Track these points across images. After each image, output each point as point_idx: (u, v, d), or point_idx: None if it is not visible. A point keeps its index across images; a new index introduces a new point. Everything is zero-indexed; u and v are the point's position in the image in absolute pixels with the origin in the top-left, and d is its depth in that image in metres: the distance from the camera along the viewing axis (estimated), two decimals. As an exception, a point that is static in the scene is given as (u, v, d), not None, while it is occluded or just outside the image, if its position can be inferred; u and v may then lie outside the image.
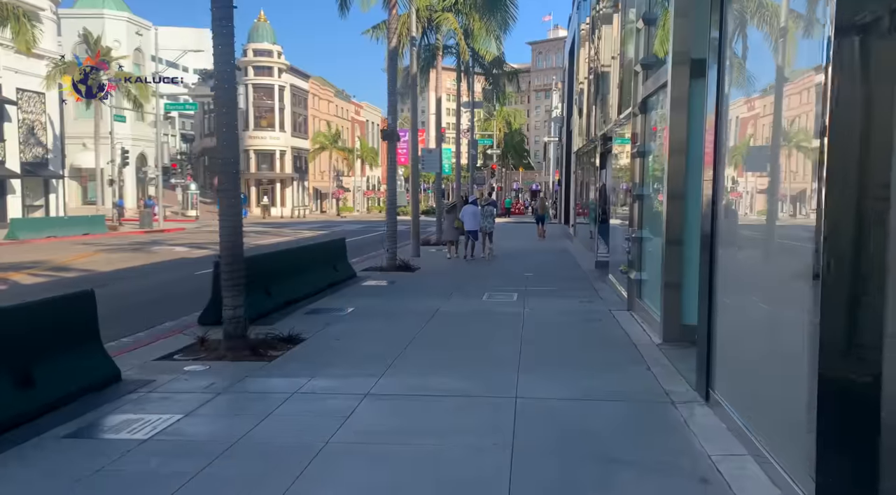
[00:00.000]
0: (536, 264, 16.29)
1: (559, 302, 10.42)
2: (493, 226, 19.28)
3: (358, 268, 15.05)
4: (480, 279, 13.38)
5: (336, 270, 12.71)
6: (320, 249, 12.50)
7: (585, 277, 13.55)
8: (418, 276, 13.99)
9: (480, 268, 15.46)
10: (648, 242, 8.75)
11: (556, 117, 41.71)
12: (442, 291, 11.61)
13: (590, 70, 18.32)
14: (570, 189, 29.69)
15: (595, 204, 18.48)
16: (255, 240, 26.36)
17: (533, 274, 14.07)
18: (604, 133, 14.44)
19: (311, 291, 10.91)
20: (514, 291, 11.48)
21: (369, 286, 12.43)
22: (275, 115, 64.12)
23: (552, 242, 24.54)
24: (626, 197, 12.46)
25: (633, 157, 9.34)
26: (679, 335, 7.18)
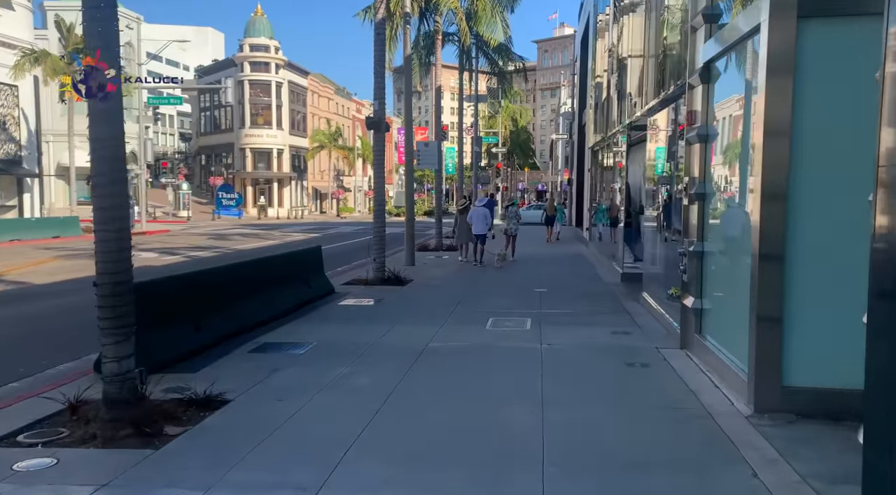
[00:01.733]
0: (550, 275, 13.91)
1: (586, 332, 8.04)
2: (517, 228, 17.14)
3: (340, 281, 12.72)
4: (483, 296, 11.02)
5: (308, 286, 10.37)
6: (287, 261, 10.15)
7: (612, 294, 11.17)
8: (410, 292, 11.64)
9: (484, 281, 13.10)
10: (716, 258, 6.38)
11: (565, 113, 39.34)
12: (435, 314, 9.26)
13: (611, 53, 15.96)
14: (582, 189, 27.29)
15: (601, 205, 16.20)
16: (235, 243, 24.12)
17: (547, 289, 11.69)
18: (631, 121, 12.07)
19: (269, 316, 8.56)
20: (526, 315, 9.12)
21: (347, 307, 10.08)
22: (272, 113, 61.85)
23: (564, 247, 22.16)
24: (657, 196, 10.11)
25: (687, 144, 6.97)
26: (781, 403, 4.82)
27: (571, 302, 10.38)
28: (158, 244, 23.79)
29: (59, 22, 34.51)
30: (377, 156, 12.70)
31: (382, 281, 12.55)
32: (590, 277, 13.71)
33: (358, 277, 12.97)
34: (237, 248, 22.13)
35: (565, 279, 13.45)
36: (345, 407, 5.23)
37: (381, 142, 12.70)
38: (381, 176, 12.68)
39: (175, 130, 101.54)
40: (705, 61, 6.47)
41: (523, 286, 12.16)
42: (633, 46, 11.98)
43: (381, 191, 12.73)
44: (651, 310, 9.21)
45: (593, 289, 11.79)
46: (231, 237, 27.85)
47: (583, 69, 28.43)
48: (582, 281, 13.12)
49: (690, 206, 6.85)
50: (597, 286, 12.22)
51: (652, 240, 10.35)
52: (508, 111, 61.07)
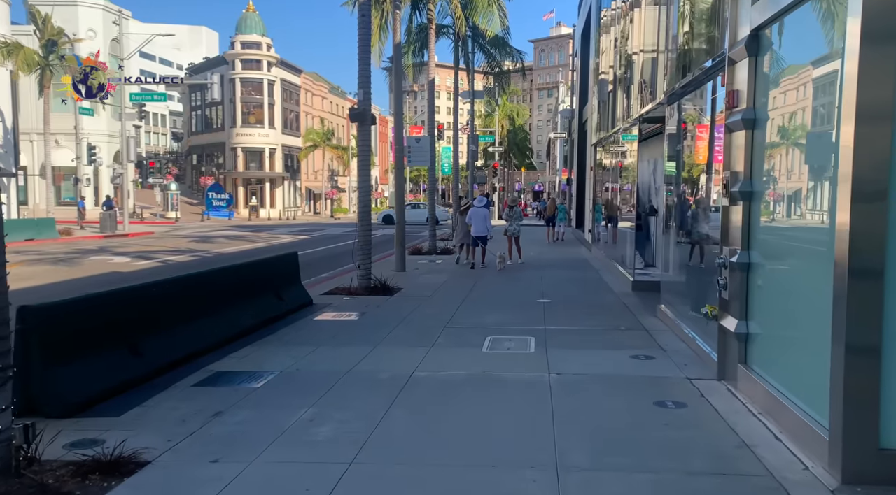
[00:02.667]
0: (554, 283, 12.68)
1: (600, 356, 6.80)
2: (519, 230, 16.19)
3: (321, 290, 11.49)
4: (480, 308, 9.77)
5: (280, 299, 9.11)
6: (254, 271, 8.87)
7: (624, 307, 9.93)
8: (398, 303, 10.39)
9: (480, 289, 11.86)
10: (769, 271, 5.15)
11: (564, 110, 38.12)
12: (425, 331, 8.02)
13: (619, 43, 14.75)
14: (583, 188, 26.08)
15: (599, 204, 14.96)
16: (219, 246, 22.80)
17: (551, 299, 10.46)
18: (645, 113, 10.84)
19: (229, 336, 7.31)
20: (529, 332, 7.89)
21: (323, 323, 8.82)
22: (264, 111, 60.52)
23: (566, 249, 20.93)
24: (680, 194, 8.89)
25: (727, 132, 5.74)
26: (879, 471, 3.59)
27: (580, 316, 9.13)
28: (136, 247, 22.49)
29: (33, 13, 33.16)
30: (362, 151, 11.45)
31: (368, 290, 11.31)
32: (597, 285, 12.47)
33: (342, 286, 11.73)
34: (219, 252, 20.86)
35: (570, 287, 12.21)
36: (296, 474, 3.98)
37: (367, 135, 11.44)
38: (366, 174, 11.42)
39: (167, 130, 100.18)
40: (754, 28, 5.24)
41: (524, 296, 10.92)
42: (648, 28, 10.75)
43: (366, 190, 11.49)
44: (673, 328, 7.97)
45: (603, 300, 10.55)
46: (215, 239, 26.55)
47: (583, 64, 27.22)
48: (589, 290, 11.89)
49: (732, 207, 5.62)
50: (606, 296, 10.98)
51: (670, 244, 9.12)
52: (505, 110, 59.82)
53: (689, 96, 8.02)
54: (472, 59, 26.98)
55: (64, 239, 26.35)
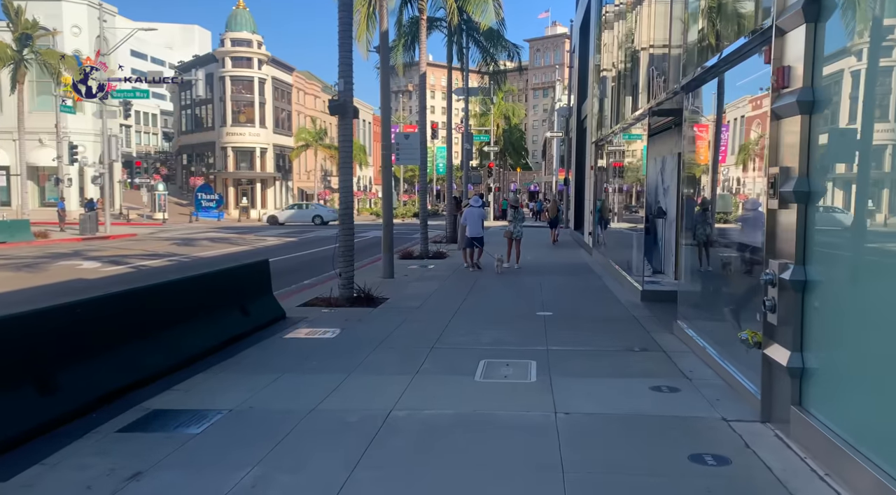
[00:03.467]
0: (554, 291, 11.61)
1: (615, 387, 5.73)
2: (522, 232, 15.43)
3: (299, 301, 10.42)
4: (473, 322, 8.70)
5: (246, 314, 8.01)
6: (213, 283, 7.74)
7: (634, 321, 8.86)
8: (381, 316, 9.31)
9: (474, 299, 10.79)
10: (835, 291, 4.09)
11: (561, 109, 37.08)
12: (409, 354, 6.95)
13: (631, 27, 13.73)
14: (582, 188, 25.06)
15: (600, 204, 13.78)
16: (200, 250, 21.60)
17: (553, 312, 9.39)
18: (658, 103, 9.79)
19: (177, 362, 6.22)
20: (529, 353, 6.83)
21: (294, 341, 7.73)
22: (254, 110, 59.36)
23: (566, 253, 19.88)
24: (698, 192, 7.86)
25: (774, 118, 4.68)
26: None
27: (586, 333, 8.06)
28: (113, 251, 21.35)
29: (6, 4, 31.92)
30: (343, 147, 10.36)
31: (350, 301, 10.23)
32: (601, 294, 11.41)
33: (322, 296, 10.64)
34: (198, 256, 19.73)
35: (572, 297, 11.15)
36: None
37: (348, 130, 10.35)
38: (348, 172, 10.34)
39: (158, 130, 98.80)
40: (816, -12, 4.18)
41: (522, 308, 9.85)
42: (660, 10, 9.71)
43: (347, 190, 10.40)
44: (694, 349, 6.91)
45: (610, 313, 9.48)
46: (198, 242, 25.41)
47: (582, 60, 26.21)
48: (593, 300, 10.82)
49: (782, 211, 4.56)
50: (613, 308, 9.91)
51: (689, 250, 8.08)
52: (501, 108, 58.77)
53: (710, 82, 6.96)
54: (467, 55, 25.96)
55: (38, 242, 25.17)
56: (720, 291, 6.77)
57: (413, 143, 14.10)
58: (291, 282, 13.47)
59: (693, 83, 7.38)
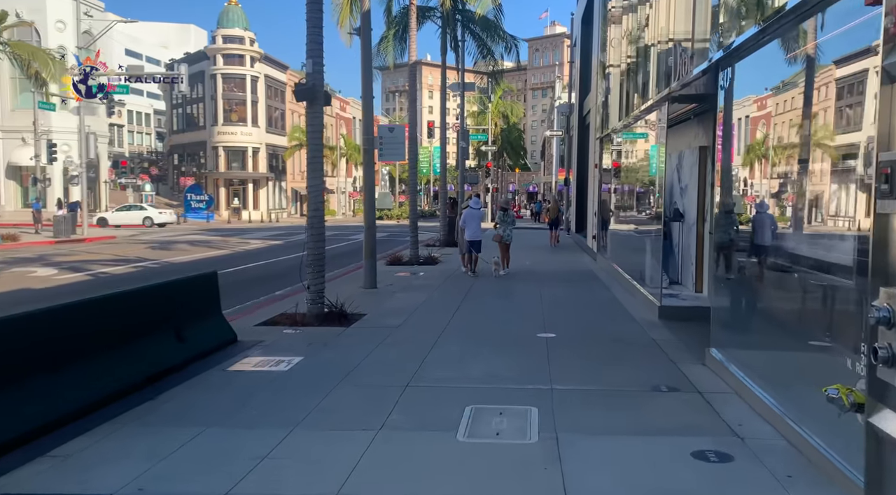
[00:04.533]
0: (557, 305, 10.14)
1: (644, 452, 4.26)
2: (511, 236, 14.25)
3: (263, 317, 8.98)
4: (461, 348, 7.22)
5: (181, 340, 6.53)
6: (138, 303, 6.21)
7: (655, 347, 7.38)
8: (353, 338, 7.84)
9: (465, 315, 9.31)
10: None
11: (561, 106, 35.63)
12: (376, 395, 5.48)
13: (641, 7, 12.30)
14: (584, 189, 23.59)
15: (601, 204, 12.06)
16: (177, 254, 19.97)
17: (556, 333, 7.92)
18: (675, 88, 8.34)
19: (59, 416, 4.73)
20: (529, 396, 5.37)
21: (238, 376, 6.25)
22: (247, 109, 57.83)
23: (567, 257, 18.41)
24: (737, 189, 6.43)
25: (888, 82, 3.21)
26: None
27: (598, 362, 6.59)
28: (81, 256, 19.85)
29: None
30: (312, 138, 8.88)
31: (319, 318, 8.76)
32: (611, 309, 9.93)
33: (289, 311, 9.15)
34: (170, 261, 18.24)
35: (579, 312, 9.68)
36: None
37: (318, 119, 8.88)
38: (317, 168, 8.86)
39: (152, 129, 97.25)
40: None
41: (520, 327, 8.37)
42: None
43: (317, 189, 8.92)
44: (739, 390, 5.44)
45: (624, 335, 8.00)
46: (176, 246, 23.90)
47: (584, 53, 24.75)
48: (602, 316, 9.34)
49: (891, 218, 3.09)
50: (627, 328, 8.43)
51: (728, 259, 6.64)
52: (498, 107, 57.30)
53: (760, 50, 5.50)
54: (463, 49, 24.52)
55: (5, 245, 23.64)
56: (776, 316, 5.30)
57: (398, 137, 12.63)
58: (262, 293, 12.03)
59: (729, 59, 5.90)
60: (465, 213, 14.15)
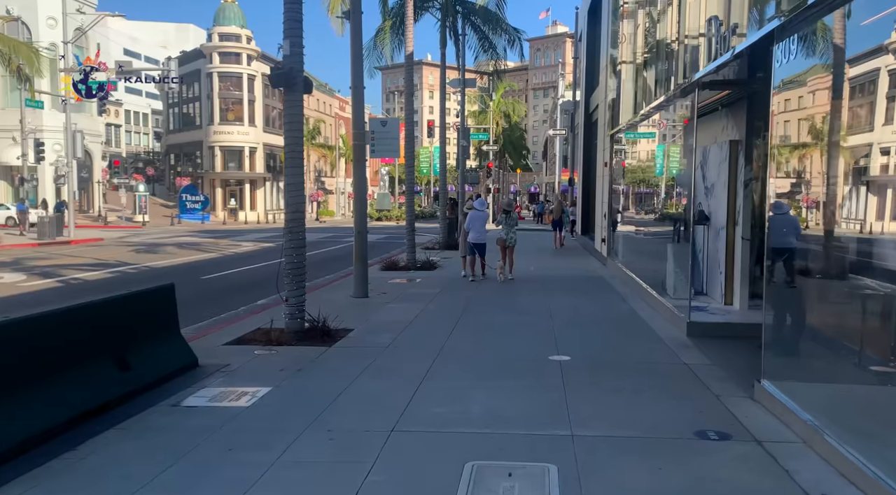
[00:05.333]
0: (570, 320, 9.00)
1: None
2: (515, 239, 13.30)
3: (235, 334, 7.88)
4: (461, 375, 6.11)
5: (124, 368, 5.42)
6: (69, 323, 5.10)
7: (689, 373, 6.25)
8: (334, 363, 6.72)
9: (465, 331, 8.19)
10: None
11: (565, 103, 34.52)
12: (354, 442, 4.38)
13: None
14: (591, 189, 22.47)
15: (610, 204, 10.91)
16: (162, 258, 18.72)
17: (572, 356, 6.78)
18: (717, 67, 7.21)
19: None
20: (544, 450, 4.25)
21: (186, 414, 5.12)
22: (243, 108, 56.75)
23: (573, 261, 17.28)
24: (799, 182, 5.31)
25: None
26: None
27: (625, 398, 5.46)
28: (59, 260, 18.75)
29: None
30: (290, 130, 7.76)
31: (298, 336, 7.65)
32: (631, 324, 8.80)
33: (266, 326, 8.05)
34: (151, 266, 17.14)
35: (595, 328, 8.55)
36: None
37: (297, 108, 7.77)
38: (296, 164, 7.75)
39: (150, 129, 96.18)
40: None
41: (529, 348, 7.25)
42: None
43: (296, 189, 7.80)
44: (811, 439, 4.31)
45: (651, 357, 6.87)
46: (163, 249, 22.79)
47: (590, 47, 23.66)
48: (622, 333, 8.20)
49: None
50: (653, 349, 7.30)
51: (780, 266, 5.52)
52: (500, 106, 56.15)
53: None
54: (463, 43, 23.41)
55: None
56: (857, 341, 4.18)
57: (392, 132, 11.49)
58: (242, 302, 10.92)
59: (790, 28, 4.77)
60: (471, 215, 13.35)
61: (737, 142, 8.63)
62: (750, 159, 8.40)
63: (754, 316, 8.28)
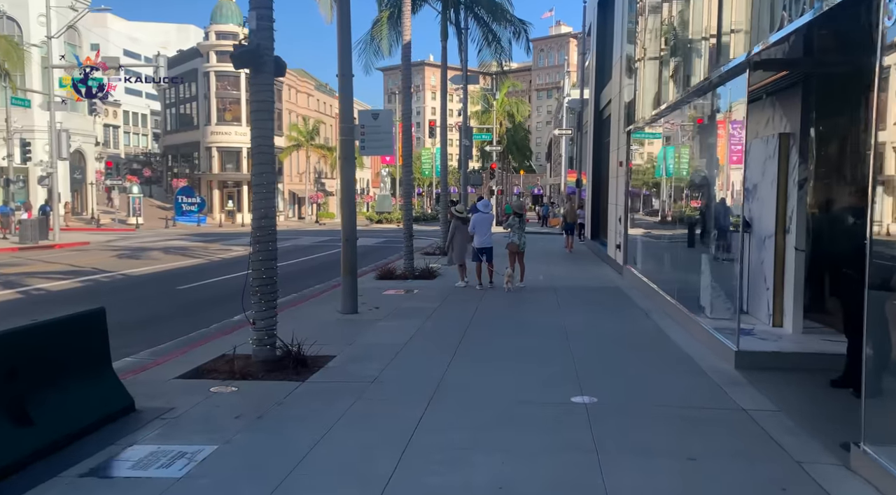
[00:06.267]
0: (590, 341, 7.69)
1: None
2: (525, 243, 12.34)
3: (197, 361, 6.62)
4: (460, 425, 4.82)
5: (23, 423, 4.14)
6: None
7: (753, 427, 4.94)
8: (303, 403, 5.43)
9: (469, 359, 6.90)
10: None
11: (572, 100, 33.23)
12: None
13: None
14: (600, 190, 21.17)
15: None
16: (139, 264, 17.21)
17: (598, 396, 5.47)
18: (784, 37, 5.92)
19: None
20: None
21: (100, 488, 3.84)
22: (241, 108, 55.41)
23: (584, 268, 15.96)
24: None
25: None
26: None
27: (679, 466, 4.15)
28: (36, 266, 17.52)
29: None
30: (258, 118, 6.50)
31: (268, 366, 6.36)
32: (663, 350, 7.49)
33: (232, 353, 6.77)
34: (130, 274, 15.87)
35: (622, 357, 7.22)
36: None
37: (267, 93, 6.50)
38: (265, 159, 6.49)
39: (149, 130, 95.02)
40: None
41: (547, 385, 5.94)
42: None
43: (266, 189, 6.53)
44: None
45: (697, 398, 5.56)
46: (149, 254, 21.53)
47: (600, 39, 22.34)
48: (655, 363, 6.87)
49: None
50: (696, 385, 5.98)
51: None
52: (504, 105, 54.81)
53: None
54: (466, 36, 22.16)
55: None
56: None
57: (384, 126, 10.16)
58: (217, 317, 9.67)
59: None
60: (475, 218, 12.27)
61: (788, 136, 7.33)
62: (805, 155, 7.11)
63: (811, 342, 6.99)
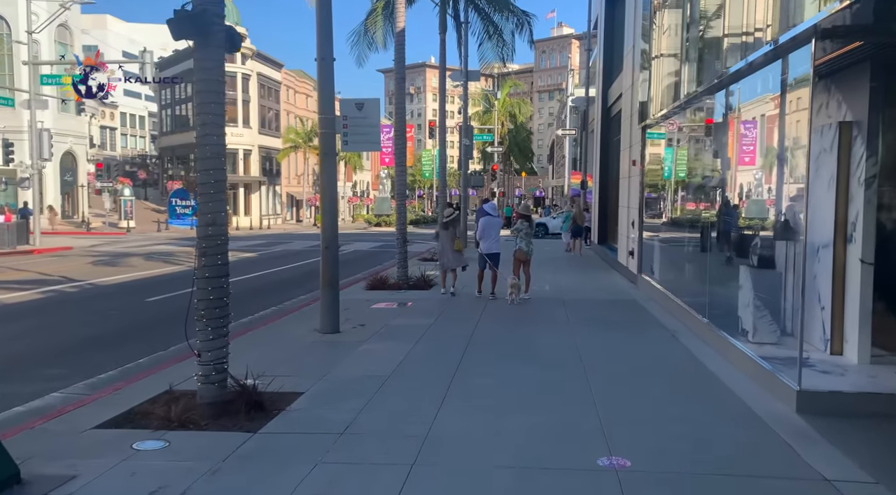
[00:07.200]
0: (610, 375, 6.40)
1: None
2: (532, 250, 11.38)
3: (136, 396, 5.36)
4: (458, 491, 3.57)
5: None
6: None
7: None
8: (250, 467, 4.17)
9: (465, 397, 5.63)
10: None
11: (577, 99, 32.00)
12: None
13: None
14: (607, 193, 19.91)
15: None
16: (114, 271, 15.69)
17: (631, 459, 4.21)
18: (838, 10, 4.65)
19: None
20: None
21: None
22: (237, 108, 54.24)
23: (596, 276, 14.68)
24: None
25: None
26: None
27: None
28: (3, 275, 16.29)
29: None
30: (205, 98, 5.27)
31: (215, 408, 5.11)
32: (701, 384, 6.20)
33: (179, 388, 5.51)
34: (101, 282, 14.63)
35: (653, 396, 5.91)
36: None
37: (216, 71, 5.30)
38: (216, 152, 5.27)
39: (146, 132, 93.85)
40: None
41: (566, 437, 4.67)
42: None
43: (215, 187, 5.31)
44: None
45: (760, 462, 4.28)
46: (128, 261, 20.28)
47: (609, 32, 21.11)
48: (696, 405, 5.57)
49: None
50: (755, 440, 4.69)
51: None
52: (506, 105, 53.58)
53: None
54: (466, 30, 20.94)
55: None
56: None
57: (370, 118, 8.88)
58: (181, 336, 8.35)
59: None
60: (483, 222, 11.25)
61: (850, 125, 6.07)
62: (875, 148, 5.85)
63: (887, 376, 5.72)
